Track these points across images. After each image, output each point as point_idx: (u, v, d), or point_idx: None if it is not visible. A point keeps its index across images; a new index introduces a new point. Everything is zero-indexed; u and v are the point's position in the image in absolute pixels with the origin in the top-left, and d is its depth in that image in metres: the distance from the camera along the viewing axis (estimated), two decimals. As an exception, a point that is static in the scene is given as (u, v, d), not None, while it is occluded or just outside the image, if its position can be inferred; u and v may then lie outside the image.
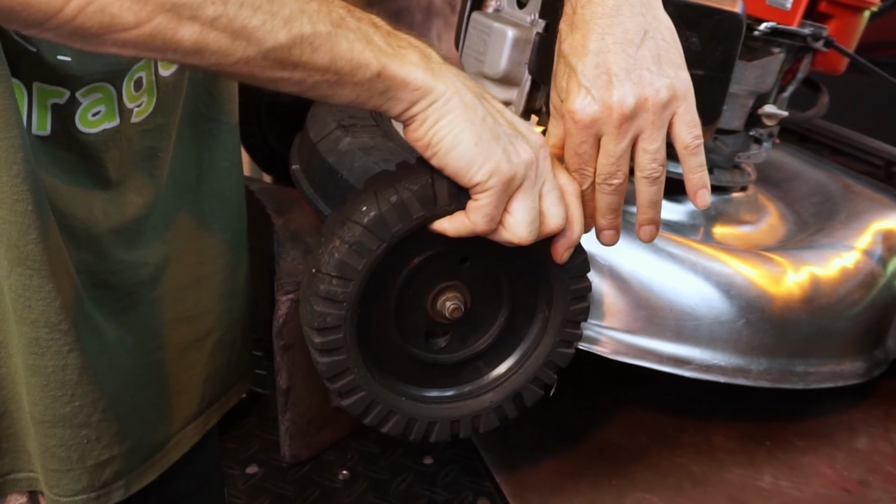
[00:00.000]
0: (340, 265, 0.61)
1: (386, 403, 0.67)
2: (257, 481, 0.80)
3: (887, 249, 0.94)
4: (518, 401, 0.72)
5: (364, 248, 0.61)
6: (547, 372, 0.72)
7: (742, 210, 0.98)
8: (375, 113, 0.95)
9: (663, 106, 0.58)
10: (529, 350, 0.72)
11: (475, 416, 0.71)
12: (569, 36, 0.59)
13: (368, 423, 0.67)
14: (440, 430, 0.69)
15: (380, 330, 0.67)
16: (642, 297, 0.79)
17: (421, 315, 0.68)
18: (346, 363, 0.64)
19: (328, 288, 0.62)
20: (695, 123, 0.60)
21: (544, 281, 0.70)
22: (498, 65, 0.83)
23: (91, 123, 0.63)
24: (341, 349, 0.63)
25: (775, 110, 0.93)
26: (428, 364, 0.70)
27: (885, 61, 1.06)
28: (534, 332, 0.72)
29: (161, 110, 0.69)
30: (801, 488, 0.81)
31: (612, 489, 0.80)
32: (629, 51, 0.57)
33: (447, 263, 0.67)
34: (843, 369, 0.89)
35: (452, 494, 0.80)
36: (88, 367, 0.62)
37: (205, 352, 0.74)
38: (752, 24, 0.87)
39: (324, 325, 0.62)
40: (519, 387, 0.72)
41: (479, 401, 0.71)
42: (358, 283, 0.62)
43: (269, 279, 0.92)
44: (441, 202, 0.61)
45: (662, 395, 0.94)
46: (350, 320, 0.63)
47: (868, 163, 1.17)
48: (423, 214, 0.61)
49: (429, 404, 0.69)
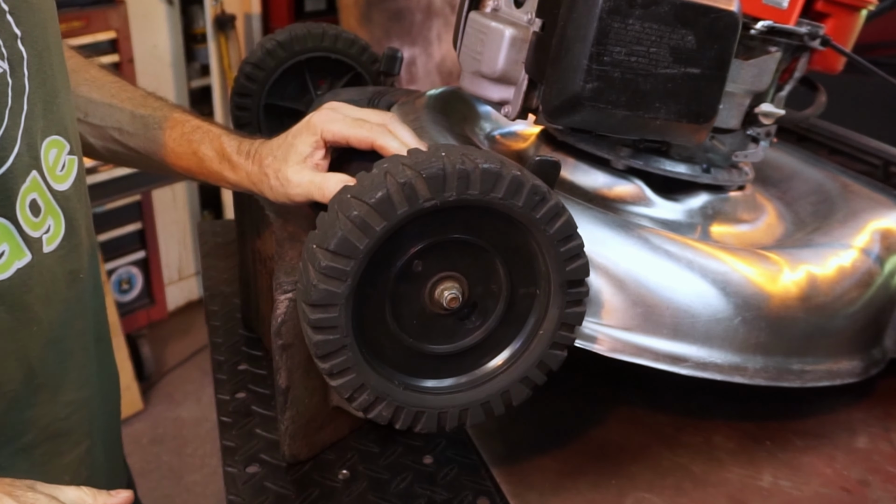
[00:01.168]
0: (343, 242, 0.61)
1: (375, 389, 0.67)
2: (257, 481, 0.80)
3: (885, 248, 0.94)
4: (506, 398, 0.72)
5: (368, 228, 0.61)
6: (537, 372, 0.72)
7: (739, 209, 0.99)
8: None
9: None
10: (521, 349, 0.72)
11: (463, 409, 0.71)
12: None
13: (355, 407, 0.67)
14: (427, 420, 0.70)
15: (375, 314, 0.67)
16: (639, 294, 0.79)
17: (417, 304, 0.68)
18: (339, 342, 0.64)
19: (329, 264, 0.62)
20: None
21: (543, 281, 0.71)
22: (495, 64, 0.83)
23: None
24: (336, 328, 0.63)
25: (772, 109, 0.94)
26: (420, 353, 0.70)
27: (885, 61, 1.06)
28: (527, 330, 0.72)
29: (72, 231, 0.65)
30: (801, 488, 0.81)
31: (612, 489, 0.80)
32: None
33: (446, 253, 0.68)
34: (840, 368, 0.89)
35: (452, 494, 0.79)
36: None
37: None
38: (749, 23, 0.87)
39: (321, 302, 0.62)
40: (507, 385, 0.72)
41: (468, 394, 0.71)
42: (359, 262, 0.62)
43: (267, 279, 0.92)
44: (449, 190, 0.62)
45: (662, 395, 0.94)
46: (346, 299, 0.63)
47: (866, 162, 1.17)
48: (431, 199, 0.62)
49: (419, 393, 0.70)
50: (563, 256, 0.68)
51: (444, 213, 0.64)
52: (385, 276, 0.66)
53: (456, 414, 0.71)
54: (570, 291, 0.70)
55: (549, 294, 0.70)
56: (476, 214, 0.66)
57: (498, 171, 0.64)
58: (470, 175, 0.63)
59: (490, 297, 0.71)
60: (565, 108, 0.78)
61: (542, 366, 0.72)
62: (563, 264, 0.68)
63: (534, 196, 0.65)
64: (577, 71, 0.76)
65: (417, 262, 0.66)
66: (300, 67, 1.10)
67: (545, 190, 0.66)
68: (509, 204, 0.65)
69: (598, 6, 0.74)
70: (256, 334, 1.04)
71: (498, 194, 0.64)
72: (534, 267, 0.70)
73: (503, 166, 0.64)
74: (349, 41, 1.11)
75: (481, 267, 0.69)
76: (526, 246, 0.69)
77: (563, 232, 0.67)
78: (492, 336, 0.72)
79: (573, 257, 0.69)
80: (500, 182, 0.64)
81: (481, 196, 0.64)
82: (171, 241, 3.07)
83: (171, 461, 2.48)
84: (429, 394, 0.70)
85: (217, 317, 1.09)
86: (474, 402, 0.71)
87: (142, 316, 2.79)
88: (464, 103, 1.06)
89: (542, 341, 0.71)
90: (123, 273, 2.72)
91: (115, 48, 2.45)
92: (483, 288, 0.70)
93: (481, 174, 0.63)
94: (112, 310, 2.52)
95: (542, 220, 0.66)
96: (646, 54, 0.76)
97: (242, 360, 0.99)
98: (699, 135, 0.84)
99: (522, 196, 0.65)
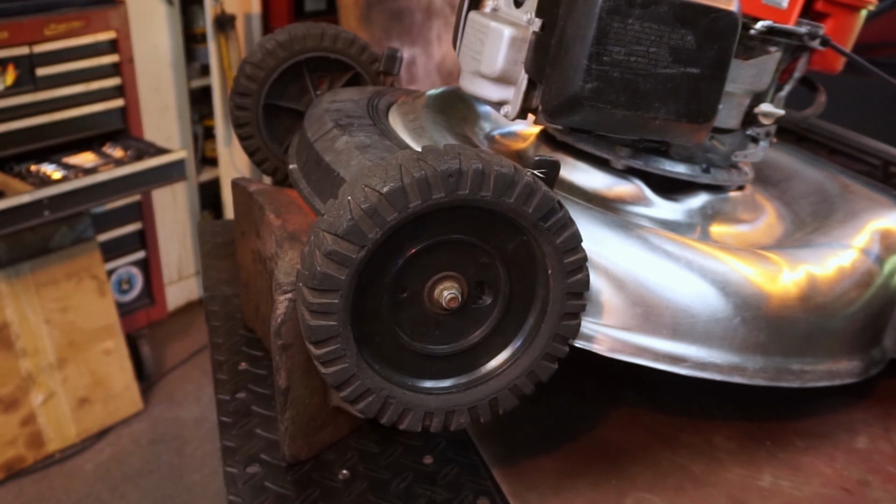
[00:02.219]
0: (353, 229, 0.61)
1: (365, 381, 0.67)
2: (257, 481, 0.80)
3: (885, 248, 0.94)
4: (493, 404, 0.73)
5: (379, 217, 0.61)
6: (526, 381, 0.72)
7: (739, 209, 0.98)
8: (372, 111, 0.96)
9: None
10: (513, 357, 0.72)
11: (449, 412, 0.71)
12: None
13: (344, 398, 0.67)
14: (413, 418, 0.70)
15: (373, 307, 0.67)
16: (638, 294, 0.79)
17: (416, 301, 0.68)
18: (335, 330, 0.64)
19: (336, 248, 0.62)
20: None
21: (542, 291, 0.71)
22: (495, 64, 0.83)
23: None
24: (333, 314, 0.63)
25: (772, 109, 0.94)
26: (415, 352, 0.70)
27: (885, 61, 1.06)
28: (521, 340, 0.72)
29: None
30: (801, 488, 0.81)
31: (612, 489, 0.80)
32: None
33: (449, 252, 0.68)
34: (839, 368, 0.88)
35: (452, 494, 0.79)
36: None
37: None
38: (748, 23, 0.87)
39: (322, 286, 0.62)
40: (496, 391, 0.72)
41: (457, 396, 0.72)
42: (366, 250, 0.62)
43: (267, 279, 0.92)
44: (462, 189, 0.62)
45: (662, 395, 0.94)
46: (348, 287, 0.63)
47: (866, 162, 1.17)
48: (445, 196, 0.62)
49: (409, 391, 0.70)
50: (567, 268, 0.68)
51: (452, 212, 0.65)
52: (386, 271, 0.66)
53: (442, 415, 0.71)
54: (569, 304, 0.70)
55: (547, 305, 0.70)
56: (483, 217, 0.66)
57: (512, 176, 0.64)
58: (485, 176, 0.63)
59: (489, 305, 0.71)
60: (565, 107, 0.78)
61: (532, 376, 0.72)
62: (565, 276, 0.69)
63: (544, 205, 0.66)
64: (576, 71, 0.76)
65: (420, 258, 0.66)
66: (300, 67, 1.10)
67: (556, 200, 0.67)
68: (520, 209, 0.65)
69: (598, 6, 0.74)
70: (256, 334, 1.04)
71: (509, 199, 0.64)
72: (534, 277, 0.70)
73: (517, 172, 0.65)
74: (349, 41, 1.11)
75: (482, 270, 0.69)
76: (529, 254, 0.69)
77: (568, 244, 0.68)
78: (487, 340, 0.72)
79: (575, 270, 0.69)
80: (513, 187, 0.64)
81: (493, 198, 0.64)
82: (171, 241, 3.07)
83: (171, 461, 2.48)
84: (419, 393, 0.70)
85: (217, 317, 1.09)
86: (461, 406, 0.71)
87: (142, 316, 2.79)
88: (464, 103, 1.06)
89: (535, 351, 0.71)
90: (123, 273, 2.72)
91: (115, 48, 2.45)
92: (482, 288, 0.70)
93: (496, 177, 0.63)
94: (112, 310, 2.52)
95: (550, 230, 0.66)
96: (645, 54, 0.76)
97: (242, 360, 0.99)
98: (699, 135, 0.84)
99: (533, 203, 0.65)
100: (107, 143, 2.48)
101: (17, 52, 2.22)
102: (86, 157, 2.39)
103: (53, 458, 2.42)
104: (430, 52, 2.99)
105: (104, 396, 2.52)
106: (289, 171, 0.94)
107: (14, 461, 2.34)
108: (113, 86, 2.48)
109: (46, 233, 2.34)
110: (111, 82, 2.47)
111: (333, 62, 1.12)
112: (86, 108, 2.42)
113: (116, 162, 2.35)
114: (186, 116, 3.02)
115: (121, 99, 2.51)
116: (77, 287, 2.43)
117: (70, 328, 2.42)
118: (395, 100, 1.03)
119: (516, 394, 0.72)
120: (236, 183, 0.99)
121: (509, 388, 0.72)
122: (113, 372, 2.54)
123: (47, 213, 2.14)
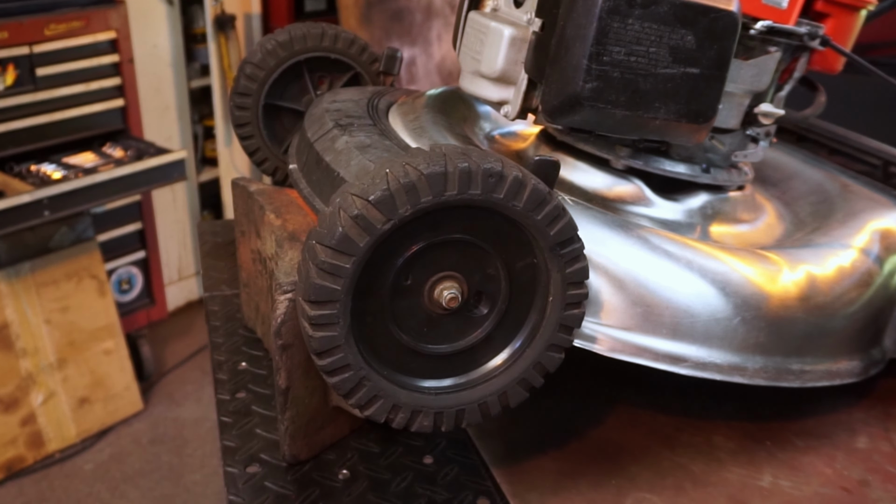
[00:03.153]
0: (344, 239, 0.61)
1: (372, 387, 0.67)
2: (257, 481, 0.80)
3: (884, 248, 0.94)
4: (503, 399, 0.73)
5: (369, 226, 0.61)
6: (534, 374, 0.72)
7: (739, 209, 0.98)
8: (372, 111, 0.96)
9: None
10: (519, 351, 0.72)
11: (460, 410, 0.71)
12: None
13: (352, 405, 0.67)
14: (423, 419, 0.70)
15: (374, 312, 0.67)
16: (638, 294, 0.79)
17: (417, 303, 0.68)
18: (337, 340, 0.64)
19: (329, 260, 0.62)
20: None
21: (542, 283, 0.71)
22: (495, 64, 0.83)
23: None
24: (334, 325, 0.63)
25: (772, 109, 0.94)
26: (419, 353, 0.70)
27: (885, 61, 1.06)
28: (525, 332, 0.72)
29: None
30: (801, 488, 0.81)
31: (612, 489, 0.80)
32: None
33: (446, 253, 0.68)
34: (839, 368, 0.89)
35: (452, 494, 0.79)
36: None
37: None
38: (748, 23, 0.87)
39: (319, 298, 0.62)
40: (505, 386, 0.72)
41: (464, 394, 0.72)
42: (359, 259, 0.62)
43: (267, 279, 0.92)
44: (450, 189, 0.62)
45: (663, 395, 0.94)
46: (346, 296, 0.63)
47: (866, 163, 1.17)
48: (433, 198, 0.62)
49: (416, 393, 0.70)
50: (564, 258, 0.68)
51: (444, 213, 0.65)
52: (384, 275, 0.66)
53: (453, 414, 0.71)
54: (570, 293, 0.70)
55: (549, 297, 0.70)
56: (476, 215, 0.66)
57: (500, 172, 0.64)
58: (472, 174, 0.63)
59: (489, 299, 0.71)
60: (565, 107, 0.78)
61: (539, 367, 0.72)
62: (564, 266, 0.69)
63: (535, 197, 0.65)
64: (576, 71, 0.76)
65: (417, 261, 0.66)
66: (300, 67, 1.10)
67: (546, 191, 0.66)
68: (510, 205, 0.65)
69: (598, 6, 0.74)
70: (256, 334, 1.04)
71: (499, 195, 0.64)
72: (533, 270, 0.70)
73: (504, 167, 0.64)
74: (349, 41, 1.11)
75: (481, 268, 0.69)
76: (526, 247, 0.69)
77: (563, 234, 0.67)
78: (490, 337, 0.72)
79: (573, 259, 0.69)
80: (501, 182, 0.64)
81: (482, 196, 0.64)
82: (171, 241, 3.07)
83: (171, 461, 2.48)
84: (426, 393, 0.70)
85: (217, 317, 1.09)
86: (471, 403, 0.71)
87: (142, 316, 2.79)
88: (464, 103, 1.06)
89: (540, 343, 0.71)
90: (123, 273, 2.72)
91: (115, 48, 2.45)
92: (482, 287, 0.70)
93: (483, 174, 0.63)
94: (112, 310, 2.52)
95: (542, 222, 0.66)
96: (645, 54, 0.76)
97: (242, 360, 0.99)
98: (699, 135, 0.84)
99: (523, 197, 0.65)
100: (107, 143, 2.48)
101: (17, 52, 2.22)
102: (86, 157, 2.39)
103: (53, 458, 2.43)
104: (430, 52, 2.99)
105: (104, 396, 2.53)
106: (289, 171, 0.94)
107: (14, 461, 2.34)
108: (113, 86, 2.48)
109: (46, 233, 2.34)
110: (111, 82, 2.48)
111: (333, 62, 1.12)
112: (86, 108, 2.43)
113: (116, 162, 2.35)
114: (186, 116, 3.03)
115: (121, 99, 2.51)
116: (77, 287, 2.43)
117: (70, 328, 2.42)
118: (395, 100, 1.03)
119: (525, 387, 0.73)
120: (236, 183, 0.99)
121: (518, 383, 0.72)
122: (113, 372, 2.54)
123: (47, 213, 2.14)
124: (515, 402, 0.73)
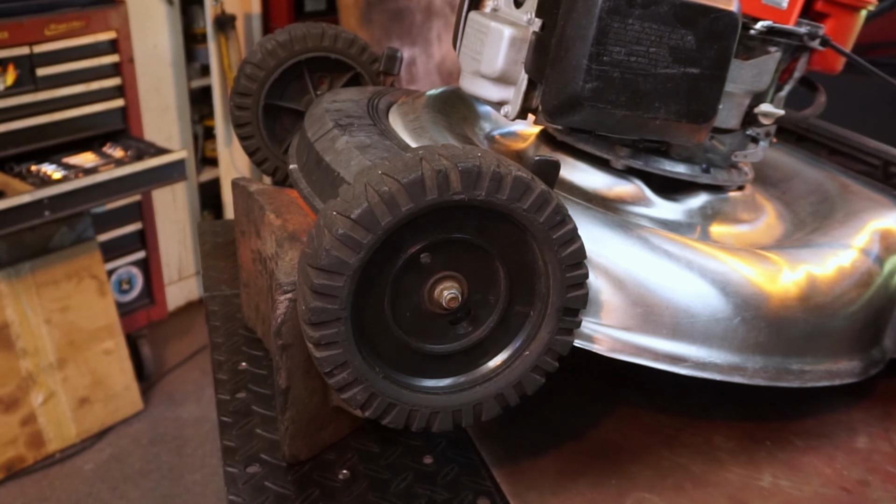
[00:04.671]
0: (367, 213, 0.62)
1: (356, 370, 0.67)
2: (257, 481, 0.80)
3: (884, 248, 0.94)
4: (477, 410, 0.73)
5: (395, 205, 0.62)
6: (512, 392, 0.73)
7: (739, 209, 0.99)
8: (373, 111, 0.96)
9: None
10: (502, 366, 0.73)
11: (433, 412, 0.72)
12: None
13: (332, 385, 0.68)
14: (397, 414, 0.70)
15: (374, 298, 0.67)
16: (638, 294, 0.79)
17: (416, 298, 0.69)
18: (335, 313, 0.64)
19: (348, 232, 0.62)
20: None
21: (540, 302, 0.71)
22: (495, 64, 0.83)
23: None
24: (336, 297, 0.64)
25: (772, 109, 0.94)
26: (409, 348, 0.70)
27: (885, 61, 1.06)
28: (513, 349, 0.73)
29: None
30: (801, 488, 0.81)
31: (612, 489, 0.80)
32: None
33: (454, 253, 0.68)
34: (839, 368, 0.89)
35: (452, 494, 0.79)
36: None
37: None
38: (748, 23, 0.87)
39: (330, 268, 0.63)
40: (481, 398, 0.73)
41: (447, 397, 0.72)
42: (377, 237, 0.63)
43: (267, 279, 0.92)
44: (479, 188, 0.62)
45: (662, 395, 0.94)
46: (355, 272, 0.63)
47: (866, 163, 1.17)
48: (461, 193, 0.63)
49: (396, 386, 0.70)
50: (568, 282, 0.69)
51: (463, 211, 0.65)
52: (391, 263, 0.66)
53: (426, 414, 0.71)
54: (565, 319, 0.70)
55: (544, 317, 0.71)
56: (494, 220, 0.66)
57: (529, 183, 0.64)
58: (503, 179, 0.63)
59: (485, 307, 0.71)
60: (565, 107, 0.78)
61: (519, 387, 0.72)
62: (566, 290, 0.69)
63: (555, 215, 0.66)
64: (576, 71, 0.76)
65: (425, 255, 0.67)
66: (300, 67, 1.10)
67: (566, 211, 0.67)
68: (531, 217, 0.65)
69: (598, 6, 0.74)
70: (256, 334, 1.04)
71: (524, 205, 0.65)
72: (535, 286, 0.70)
73: (534, 179, 0.65)
74: (349, 41, 1.11)
75: (484, 274, 0.69)
76: (533, 263, 0.69)
77: (573, 258, 0.68)
78: (478, 346, 0.72)
79: (576, 285, 0.69)
80: (528, 193, 0.64)
81: (508, 202, 0.64)
82: (171, 241, 3.07)
83: (171, 461, 2.48)
84: (407, 389, 0.70)
85: (217, 317, 1.09)
86: (447, 407, 0.71)
87: (142, 316, 2.79)
88: (464, 103, 1.06)
89: (525, 363, 0.71)
90: (123, 273, 2.72)
91: (115, 48, 2.45)
92: (481, 296, 0.70)
93: (513, 180, 0.63)
94: (112, 310, 2.53)
95: (557, 242, 0.67)
96: (645, 54, 0.77)
97: (242, 360, 0.99)
98: (699, 135, 0.84)
99: (546, 212, 0.65)
100: (107, 143, 2.48)
101: (17, 52, 2.22)
102: (86, 157, 2.39)
103: (53, 458, 2.43)
104: (430, 52, 2.99)
105: (104, 396, 2.53)
106: (289, 171, 0.94)
107: (14, 461, 2.34)
108: (113, 86, 2.48)
109: (46, 233, 2.34)
110: (111, 82, 2.48)
111: (333, 62, 1.12)
112: (86, 108, 2.43)
113: (116, 162, 2.36)
114: (186, 116, 3.03)
115: (121, 99, 2.51)
116: (77, 287, 2.43)
117: (70, 328, 2.42)
118: (395, 100, 1.03)
119: (500, 402, 0.73)
120: (236, 183, 0.99)
121: (494, 397, 0.72)
122: (113, 372, 2.54)
123: (47, 213, 2.14)
124: (515, 401, 0.73)
